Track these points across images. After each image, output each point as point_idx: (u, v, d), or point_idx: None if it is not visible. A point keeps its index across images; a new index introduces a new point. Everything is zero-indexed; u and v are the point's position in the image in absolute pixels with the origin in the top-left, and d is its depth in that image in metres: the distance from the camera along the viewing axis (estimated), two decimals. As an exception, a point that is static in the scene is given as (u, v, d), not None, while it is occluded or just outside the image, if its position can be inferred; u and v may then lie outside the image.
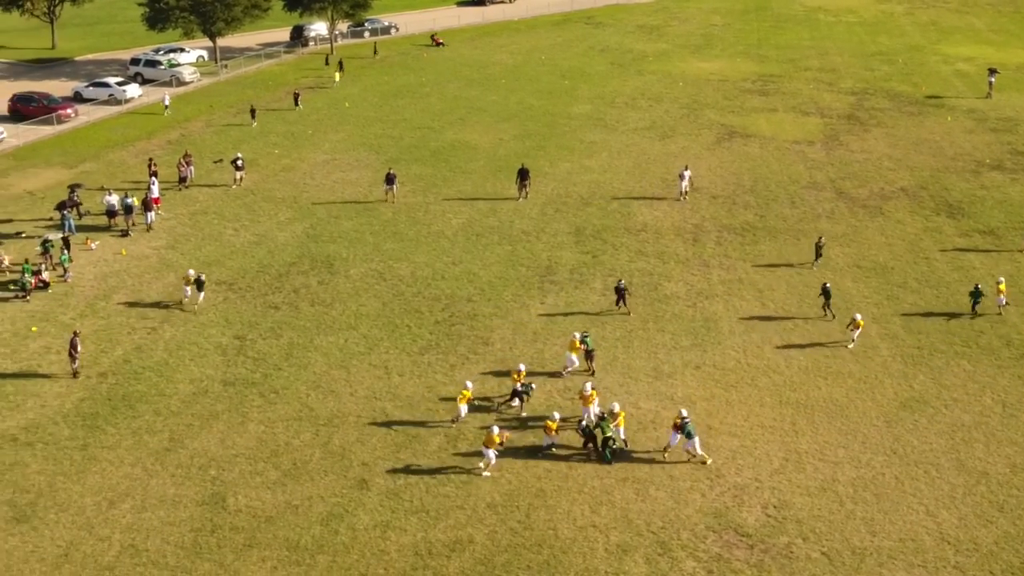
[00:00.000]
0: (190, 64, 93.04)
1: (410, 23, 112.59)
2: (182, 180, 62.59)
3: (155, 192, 58.19)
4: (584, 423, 36.36)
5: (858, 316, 43.69)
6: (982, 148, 70.37)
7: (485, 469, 34.84)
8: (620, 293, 46.25)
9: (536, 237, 54.82)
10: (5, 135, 71.80)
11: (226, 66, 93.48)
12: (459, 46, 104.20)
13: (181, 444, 36.65)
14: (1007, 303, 46.38)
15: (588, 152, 69.82)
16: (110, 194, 57.00)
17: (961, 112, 79.40)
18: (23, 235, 54.78)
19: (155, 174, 60.08)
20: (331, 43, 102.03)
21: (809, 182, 63.64)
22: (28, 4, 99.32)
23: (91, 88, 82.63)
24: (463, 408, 37.45)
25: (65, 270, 49.71)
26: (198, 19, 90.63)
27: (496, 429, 34.90)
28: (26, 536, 31.96)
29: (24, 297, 47.60)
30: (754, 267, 51.16)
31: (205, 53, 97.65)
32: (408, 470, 35.19)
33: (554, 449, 35.96)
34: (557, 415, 35.74)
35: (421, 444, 36.50)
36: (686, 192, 60.62)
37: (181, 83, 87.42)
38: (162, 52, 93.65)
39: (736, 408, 39.01)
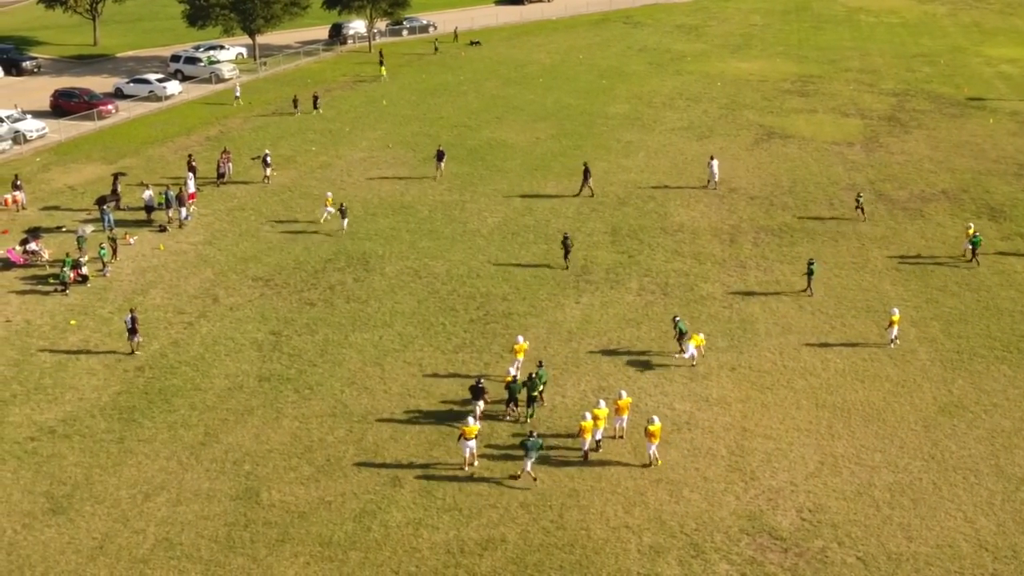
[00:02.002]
0: (230, 61, 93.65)
1: (448, 21, 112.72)
2: (220, 176, 62.99)
3: (191, 187, 58.65)
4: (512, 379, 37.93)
5: (895, 311, 43.15)
6: (1025, 151, 69.55)
7: (467, 464, 35.13)
8: (566, 247, 50.61)
9: (572, 236, 54.62)
10: (47, 130, 72.55)
11: (265, 63, 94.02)
12: (497, 45, 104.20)
13: (216, 439, 36.82)
14: (972, 248, 51.78)
15: (625, 152, 69.61)
16: (148, 189, 57.48)
17: (1004, 114, 78.47)
18: (63, 229, 55.31)
19: (193, 169, 60.46)
20: (369, 41, 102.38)
21: (848, 184, 63.10)
22: (71, 1, 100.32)
23: (132, 84, 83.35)
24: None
25: (104, 265, 50.11)
26: (238, 17, 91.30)
27: (471, 420, 35.05)
28: (62, 528, 32.22)
29: (63, 291, 48.04)
30: (791, 269, 50.74)
31: (244, 50, 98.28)
32: (441, 468, 35.16)
33: (594, 452, 35.76)
34: (588, 415, 35.51)
35: (454, 442, 36.42)
36: (715, 182, 61.89)
37: (220, 80, 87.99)
38: (202, 49, 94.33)
39: (772, 410, 38.70)
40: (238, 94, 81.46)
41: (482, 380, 38.32)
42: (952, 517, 32.78)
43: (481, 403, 37.81)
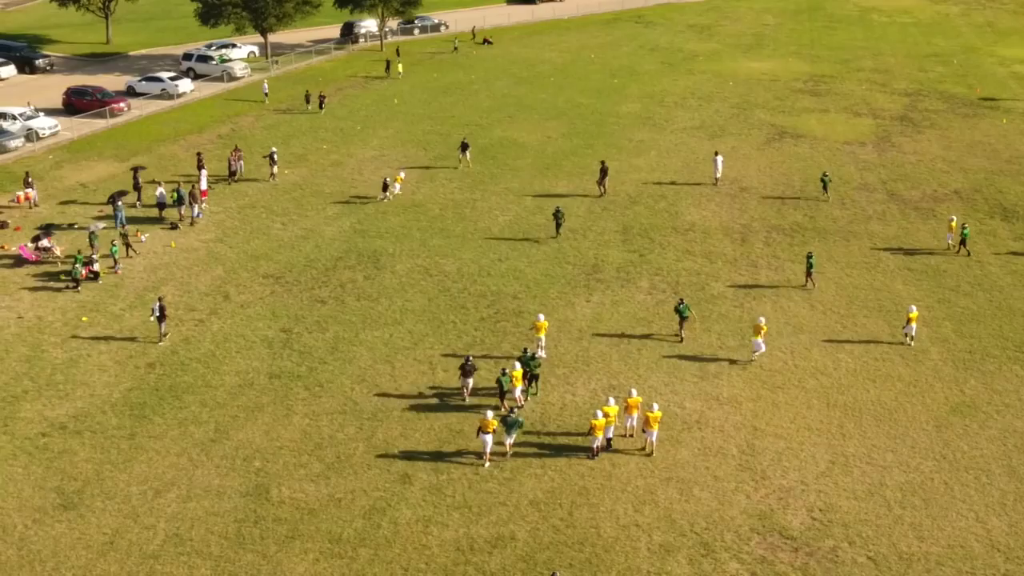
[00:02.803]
0: (241, 60, 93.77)
1: (460, 20, 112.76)
2: (232, 174, 63.08)
3: (203, 184, 58.81)
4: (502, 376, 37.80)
5: (913, 308, 42.91)
6: (1038, 151, 69.25)
7: (485, 460, 35.11)
8: (557, 220, 54.04)
9: (583, 235, 54.61)
10: (59, 128, 72.73)
11: (277, 62, 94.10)
12: (508, 44, 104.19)
13: (226, 435, 36.86)
14: (953, 241, 52.77)
15: (636, 151, 69.52)
16: (161, 186, 57.60)
17: (1017, 114, 78.18)
18: (75, 226, 55.44)
19: (202, 166, 60.60)
20: (381, 40, 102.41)
21: (860, 183, 62.92)
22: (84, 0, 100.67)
23: (144, 83, 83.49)
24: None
25: (116, 262, 50.22)
26: (250, 15, 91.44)
27: (490, 414, 34.88)
28: (73, 523, 32.29)
29: (75, 288, 48.16)
30: (803, 268, 50.53)
31: (256, 49, 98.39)
32: (451, 465, 35.16)
33: (604, 450, 35.70)
34: (600, 413, 35.44)
35: (464, 440, 36.44)
36: (718, 177, 62.57)
37: (232, 78, 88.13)
38: (214, 48, 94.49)
39: (783, 410, 38.59)
40: (266, 90, 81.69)
41: (471, 358, 38.88)
42: (964, 517, 32.66)
43: (470, 381, 38.37)
